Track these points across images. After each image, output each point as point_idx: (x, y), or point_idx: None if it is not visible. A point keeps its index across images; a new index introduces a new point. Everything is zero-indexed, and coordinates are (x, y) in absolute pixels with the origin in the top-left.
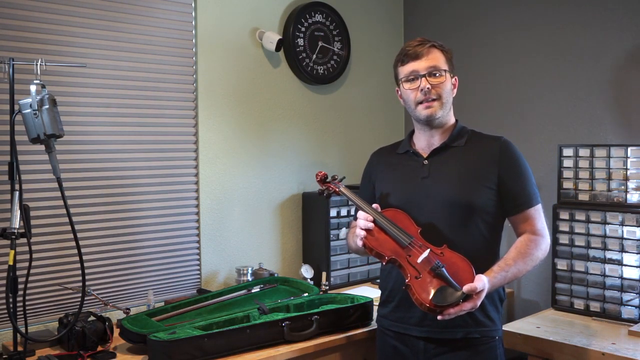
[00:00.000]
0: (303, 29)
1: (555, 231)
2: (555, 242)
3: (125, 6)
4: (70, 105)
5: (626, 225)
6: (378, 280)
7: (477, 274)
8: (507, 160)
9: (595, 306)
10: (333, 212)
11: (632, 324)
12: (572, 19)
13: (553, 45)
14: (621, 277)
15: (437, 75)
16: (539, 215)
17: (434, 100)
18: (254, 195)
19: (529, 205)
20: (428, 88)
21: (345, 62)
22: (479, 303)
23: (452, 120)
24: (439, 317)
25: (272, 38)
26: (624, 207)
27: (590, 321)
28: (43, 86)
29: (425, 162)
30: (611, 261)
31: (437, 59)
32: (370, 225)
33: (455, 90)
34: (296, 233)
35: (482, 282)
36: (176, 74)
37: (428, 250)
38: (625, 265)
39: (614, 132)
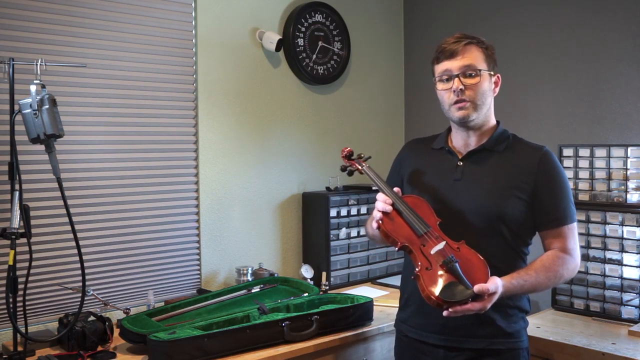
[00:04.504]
0: (303, 29)
1: None
2: None
3: (125, 6)
4: (70, 105)
5: (626, 225)
6: (378, 280)
7: (492, 276)
8: (545, 172)
9: (595, 306)
10: (333, 212)
11: (632, 324)
12: (572, 19)
13: (553, 45)
14: (621, 277)
15: (473, 75)
16: (571, 235)
17: (466, 101)
18: (254, 195)
19: (562, 222)
20: (461, 89)
21: (345, 62)
22: (489, 306)
23: (492, 121)
24: (444, 314)
25: (272, 38)
26: (624, 207)
27: (590, 321)
28: (43, 86)
29: (460, 163)
30: (611, 261)
31: (473, 57)
32: (388, 208)
33: (497, 90)
34: (296, 233)
35: (495, 284)
36: (176, 74)
37: (444, 243)
38: (625, 265)
39: (614, 132)
